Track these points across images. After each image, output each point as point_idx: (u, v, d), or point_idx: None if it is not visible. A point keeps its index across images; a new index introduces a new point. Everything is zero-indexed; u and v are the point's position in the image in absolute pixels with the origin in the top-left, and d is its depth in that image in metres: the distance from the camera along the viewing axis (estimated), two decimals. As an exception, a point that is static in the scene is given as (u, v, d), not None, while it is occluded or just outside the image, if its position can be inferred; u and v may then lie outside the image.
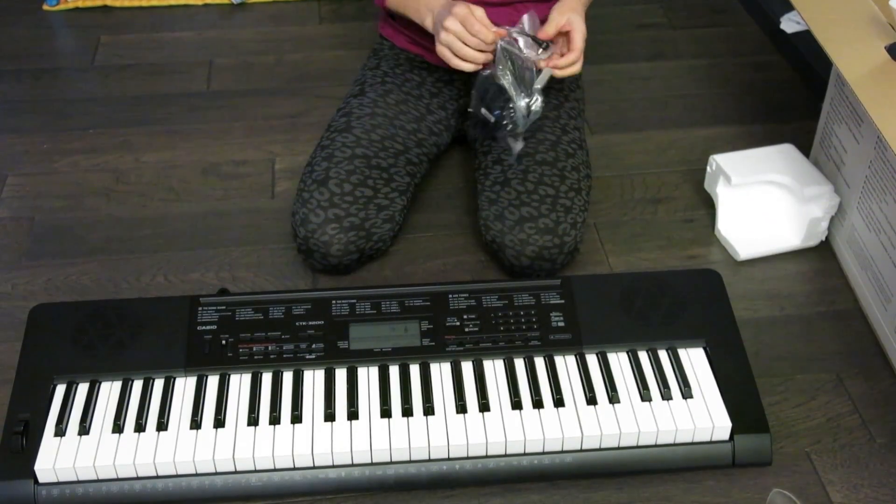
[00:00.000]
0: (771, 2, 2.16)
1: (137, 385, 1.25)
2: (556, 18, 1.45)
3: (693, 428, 1.21)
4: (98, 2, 2.24)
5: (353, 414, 1.22)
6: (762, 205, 1.59)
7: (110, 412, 1.22)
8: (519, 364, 1.28)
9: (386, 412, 1.22)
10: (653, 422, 1.21)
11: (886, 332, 1.41)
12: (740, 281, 1.53)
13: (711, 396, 1.25)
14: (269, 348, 1.28)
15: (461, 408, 1.22)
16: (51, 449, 1.18)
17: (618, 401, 1.24)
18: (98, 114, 1.91)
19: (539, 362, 1.28)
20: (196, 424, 1.21)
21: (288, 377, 1.26)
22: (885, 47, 1.31)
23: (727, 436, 1.22)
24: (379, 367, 1.27)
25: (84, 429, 1.19)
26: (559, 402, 1.23)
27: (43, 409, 1.21)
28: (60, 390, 1.24)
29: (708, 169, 1.60)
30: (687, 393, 1.25)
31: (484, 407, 1.23)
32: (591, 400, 1.24)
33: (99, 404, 1.23)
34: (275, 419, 1.21)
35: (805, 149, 1.65)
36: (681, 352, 1.30)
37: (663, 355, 1.29)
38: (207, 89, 1.99)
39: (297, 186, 1.51)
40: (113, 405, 1.23)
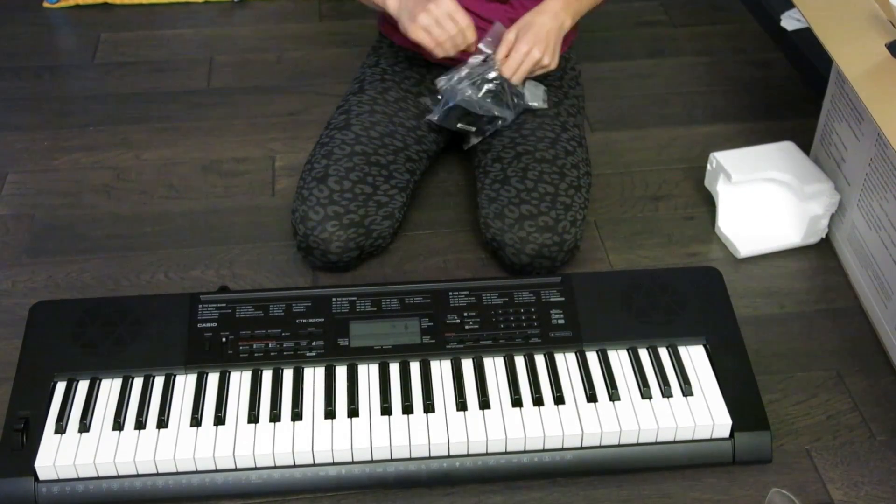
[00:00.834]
0: (771, -1, 2.16)
1: (138, 382, 1.25)
2: (507, 35, 1.48)
3: (693, 425, 1.21)
4: (98, -1, 2.25)
5: (354, 411, 1.22)
6: (762, 202, 1.59)
7: (111, 409, 1.22)
8: (519, 361, 1.28)
9: (386, 409, 1.22)
10: (653, 419, 1.21)
11: (887, 330, 1.41)
12: (740, 278, 1.53)
13: (712, 394, 1.25)
14: (270, 346, 1.28)
15: (461, 405, 1.22)
16: (51, 446, 1.18)
17: (618, 398, 1.24)
18: (98, 111, 1.91)
19: (539, 360, 1.28)
20: (196, 422, 1.21)
21: (288, 374, 1.26)
22: (886, 45, 1.31)
23: (727, 433, 1.22)
24: (379, 365, 1.27)
25: (84, 426, 1.19)
26: (559, 400, 1.23)
27: (43, 407, 1.21)
28: (61, 387, 1.24)
29: (708, 166, 1.60)
30: (687, 390, 1.24)
31: (484, 404, 1.23)
32: (592, 397, 1.24)
33: (99, 402, 1.23)
34: (275, 416, 1.21)
35: (805, 146, 1.65)
36: (681, 349, 1.30)
37: (663, 353, 1.29)
38: (208, 87, 1.99)
39: (297, 184, 1.51)
40: (113, 402, 1.23)
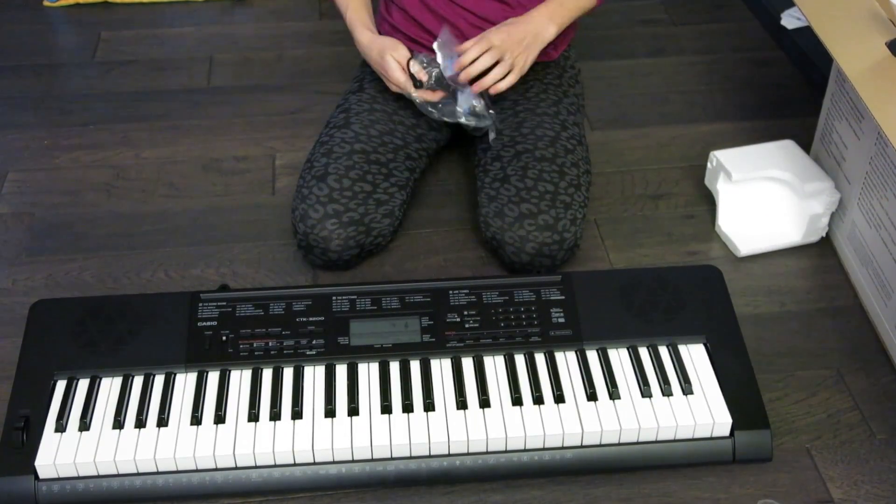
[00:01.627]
0: (772, -2, 2.16)
1: (138, 381, 1.25)
2: (489, 36, 1.48)
3: (693, 424, 1.21)
4: (98, -2, 2.25)
5: (354, 410, 1.22)
6: (763, 201, 1.59)
7: (111, 408, 1.22)
8: (519, 360, 1.28)
9: (386, 408, 1.22)
10: (653, 418, 1.21)
11: (887, 328, 1.41)
12: (741, 277, 1.53)
13: (712, 392, 1.25)
14: (270, 344, 1.28)
15: (461, 404, 1.22)
16: (51, 445, 1.18)
17: (618, 397, 1.24)
18: (98, 110, 1.91)
19: (539, 358, 1.28)
20: (196, 420, 1.21)
21: (288, 373, 1.26)
22: (886, 43, 1.31)
23: (727, 432, 1.22)
24: (379, 363, 1.27)
25: (84, 425, 1.19)
26: (560, 399, 1.23)
27: (43, 405, 1.21)
28: (61, 386, 1.24)
29: (708, 165, 1.60)
30: (687, 389, 1.24)
31: (484, 403, 1.23)
32: (592, 396, 1.24)
33: (99, 400, 1.23)
34: (275, 415, 1.21)
35: (806, 145, 1.65)
36: (681, 348, 1.30)
37: (664, 351, 1.29)
38: (208, 85, 1.99)
39: (297, 182, 1.51)
40: (113, 401, 1.23)
